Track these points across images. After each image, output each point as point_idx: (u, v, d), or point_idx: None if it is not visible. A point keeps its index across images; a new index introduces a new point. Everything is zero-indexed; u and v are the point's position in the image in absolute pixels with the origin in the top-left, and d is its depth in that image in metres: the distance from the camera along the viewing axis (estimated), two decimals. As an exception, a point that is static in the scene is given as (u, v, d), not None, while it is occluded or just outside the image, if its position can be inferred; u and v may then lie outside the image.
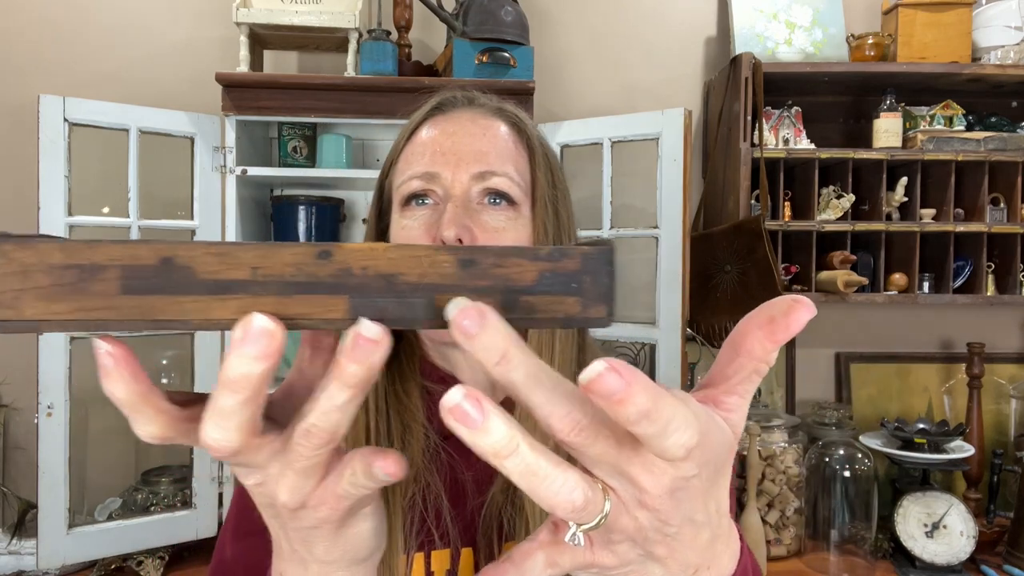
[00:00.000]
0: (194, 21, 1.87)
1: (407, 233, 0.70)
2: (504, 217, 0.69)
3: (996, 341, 1.98)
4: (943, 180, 1.77)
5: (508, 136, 0.72)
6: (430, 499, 0.68)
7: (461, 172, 0.69)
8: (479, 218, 0.68)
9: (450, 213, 0.67)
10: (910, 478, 1.71)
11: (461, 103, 0.75)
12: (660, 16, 1.98)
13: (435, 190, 0.69)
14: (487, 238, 0.68)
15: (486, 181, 0.69)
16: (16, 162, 1.76)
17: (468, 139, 0.70)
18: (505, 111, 0.75)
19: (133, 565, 1.53)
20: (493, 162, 0.69)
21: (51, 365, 1.45)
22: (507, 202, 0.70)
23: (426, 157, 0.70)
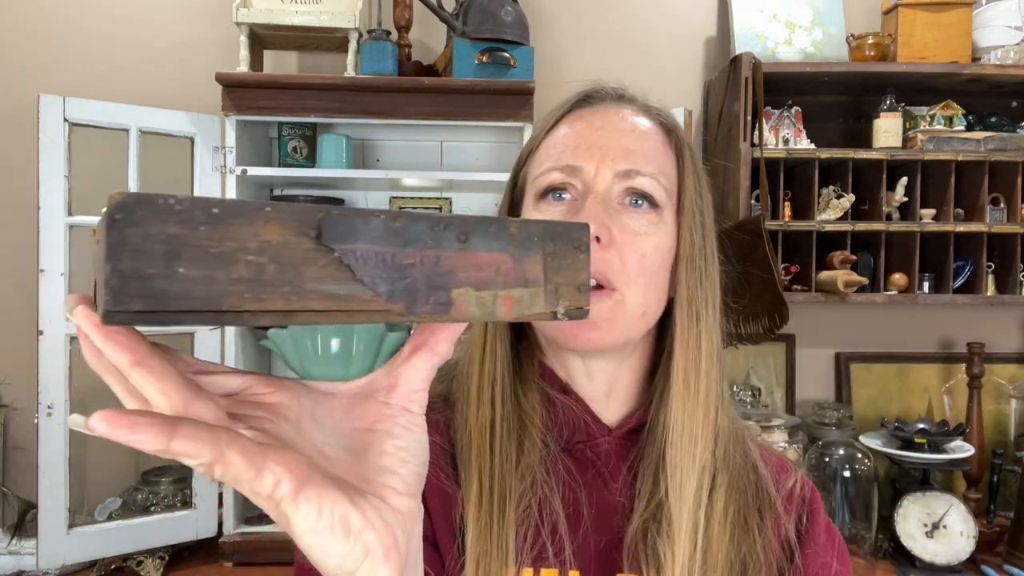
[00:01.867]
0: (194, 21, 1.87)
1: None
2: (646, 220, 0.65)
3: (996, 341, 1.98)
4: (943, 180, 1.77)
5: (657, 136, 0.68)
6: (546, 512, 0.64)
7: (605, 168, 0.64)
8: (619, 218, 0.64)
9: (590, 209, 0.62)
10: (910, 478, 1.71)
11: (610, 97, 0.71)
12: (660, 16, 1.98)
13: (575, 184, 0.65)
14: (626, 240, 0.63)
15: (631, 180, 0.64)
16: (16, 162, 1.76)
17: (615, 134, 0.66)
18: (656, 110, 0.70)
19: (133, 565, 1.53)
20: (640, 161, 0.65)
21: (51, 365, 1.45)
22: (649, 204, 0.65)
23: (569, 149, 0.66)
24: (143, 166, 1.53)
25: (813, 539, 0.70)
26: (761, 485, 0.68)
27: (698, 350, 0.65)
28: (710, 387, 0.66)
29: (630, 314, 0.64)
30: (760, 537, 0.65)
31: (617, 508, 0.67)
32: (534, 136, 0.72)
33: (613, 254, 0.62)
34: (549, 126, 0.70)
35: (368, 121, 1.60)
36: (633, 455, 0.68)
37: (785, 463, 0.74)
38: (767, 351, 1.97)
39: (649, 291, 0.64)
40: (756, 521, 0.66)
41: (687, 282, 0.65)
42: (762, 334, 1.65)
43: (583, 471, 0.68)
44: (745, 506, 0.66)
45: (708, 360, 0.66)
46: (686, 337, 0.65)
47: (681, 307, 0.65)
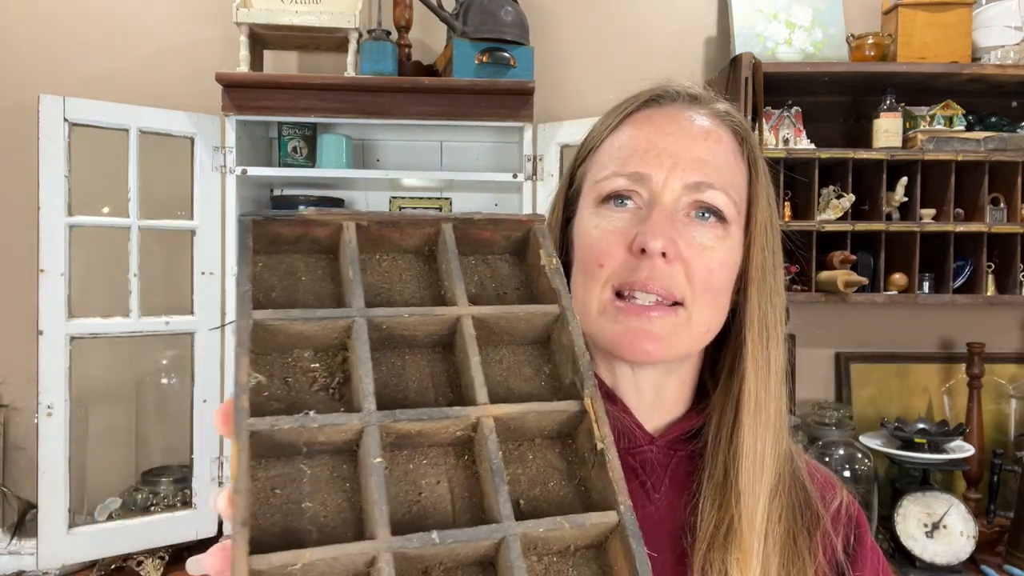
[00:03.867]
0: (194, 21, 1.87)
1: (598, 234, 0.62)
2: (713, 235, 0.61)
3: (996, 341, 1.98)
4: (943, 180, 1.77)
5: (731, 146, 0.64)
6: None
7: (675, 177, 0.61)
8: (686, 231, 0.61)
9: (657, 221, 0.59)
10: (910, 478, 1.71)
11: (682, 98, 0.66)
12: (660, 16, 1.98)
13: (640, 192, 0.62)
14: (693, 255, 0.60)
15: (700, 193, 0.61)
16: (16, 162, 1.76)
17: (687, 141, 0.62)
18: (730, 116, 0.66)
19: (133, 565, 1.53)
20: (711, 172, 0.61)
21: (51, 365, 1.45)
22: (717, 219, 0.62)
23: (637, 154, 0.62)
24: (143, 166, 1.53)
25: (861, 562, 0.68)
26: (809, 503, 0.67)
27: (768, 371, 0.63)
28: (780, 409, 0.64)
29: (694, 332, 0.62)
30: (810, 557, 0.64)
31: (659, 519, 0.65)
32: (594, 133, 0.68)
33: (679, 268, 0.60)
34: (613, 125, 0.66)
35: (368, 121, 1.60)
36: (675, 464, 0.67)
37: (832, 481, 0.72)
38: (767, 351, 1.97)
39: (714, 308, 0.62)
40: (805, 541, 0.65)
41: (759, 301, 0.63)
42: (762, 334, 1.65)
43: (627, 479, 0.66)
44: (795, 525, 0.65)
45: (777, 382, 0.64)
46: (757, 359, 0.63)
47: (752, 327, 0.63)
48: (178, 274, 1.61)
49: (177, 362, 1.76)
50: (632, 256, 0.60)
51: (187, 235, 1.59)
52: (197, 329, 1.59)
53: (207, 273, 1.59)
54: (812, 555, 0.64)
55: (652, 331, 0.60)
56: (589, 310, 0.62)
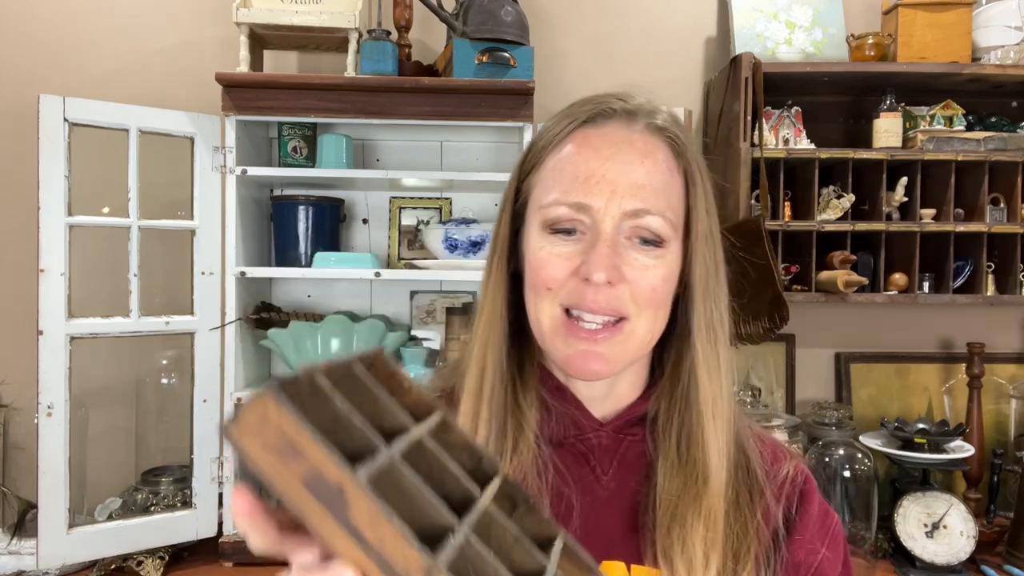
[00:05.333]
0: (194, 21, 1.87)
1: (546, 257, 0.66)
2: (654, 255, 0.66)
3: (996, 341, 1.98)
4: (943, 180, 1.77)
5: (667, 162, 0.67)
6: None
7: (614, 206, 0.64)
8: (628, 254, 0.65)
9: (600, 252, 0.63)
10: (910, 478, 1.71)
11: (619, 116, 0.68)
12: (660, 16, 1.98)
13: (583, 220, 0.65)
14: (636, 275, 0.65)
15: (639, 219, 0.65)
16: (16, 162, 1.76)
17: (625, 167, 0.65)
18: (666, 130, 0.68)
19: (133, 565, 1.53)
20: (648, 197, 0.65)
21: (51, 365, 1.45)
22: (655, 244, 0.66)
23: (578, 182, 0.65)
24: (143, 166, 1.53)
25: (804, 526, 0.71)
26: (750, 467, 0.71)
27: (719, 370, 0.68)
28: (730, 399, 0.69)
29: (639, 342, 0.67)
30: (751, 517, 0.68)
31: (609, 499, 0.69)
32: (536, 148, 0.70)
33: (623, 289, 0.64)
34: (554, 142, 0.69)
35: (368, 121, 1.60)
36: (625, 447, 0.71)
37: (780, 452, 0.75)
38: (767, 351, 1.97)
39: (656, 318, 0.67)
40: (746, 499, 0.69)
41: (704, 308, 0.68)
42: (762, 334, 1.65)
43: (575, 465, 0.70)
44: (738, 494, 0.69)
45: (727, 375, 0.69)
46: (709, 361, 0.68)
47: (700, 333, 0.68)
48: (178, 274, 1.61)
49: (177, 362, 1.76)
50: (579, 280, 0.64)
51: (187, 235, 1.59)
52: (197, 329, 1.59)
53: (207, 273, 1.59)
54: (753, 517, 0.68)
55: (600, 352, 0.65)
56: (541, 326, 0.67)
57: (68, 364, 1.46)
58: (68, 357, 1.46)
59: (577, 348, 0.65)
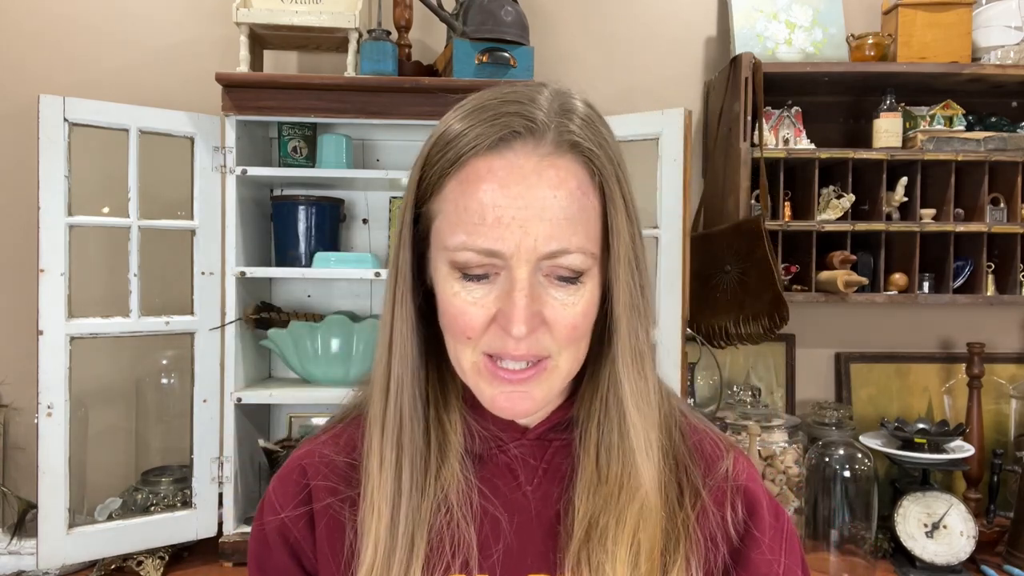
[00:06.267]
0: (194, 21, 1.87)
1: (460, 304, 0.61)
2: (573, 290, 0.61)
3: (996, 341, 1.98)
4: (943, 180, 1.77)
5: (582, 187, 0.60)
6: (459, 530, 0.65)
7: (527, 249, 0.58)
8: (546, 296, 0.60)
9: (519, 308, 0.58)
10: (910, 478, 1.71)
11: (522, 136, 0.60)
12: (660, 16, 1.98)
13: (495, 263, 0.60)
14: (556, 316, 0.60)
15: (556, 259, 0.59)
16: (16, 162, 1.76)
17: (536, 204, 0.58)
18: (578, 144, 0.61)
19: (133, 565, 1.53)
20: (565, 234, 0.59)
21: (51, 365, 1.45)
22: (575, 280, 0.61)
23: (485, 225, 0.58)
24: (143, 166, 1.52)
25: (760, 538, 0.69)
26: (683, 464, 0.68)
27: (647, 388, 0.65)
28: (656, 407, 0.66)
29: (564, 376, 0.64)
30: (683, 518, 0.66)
31: (534, 510, 0.67)
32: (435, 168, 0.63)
33: (544, 333, 0.61)
34: (456, 162, 0.61)
35: (368, 121, 1.60)
36: (551, 454, 0.69)
37: (717, 445, 0.72)
38: (767, 351, 1.97)
39: (579, 350, 0.64)
40: (675, 499, 0.67)
41: (628, 332, 0.63)
42: (762, 334, 1.65)
43: (500, 478, 0.68)
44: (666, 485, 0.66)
45: (656, 394, 0.66)
46: (635, 382, 0.64)
47: (624, 356, 0.64)
48: (178, 274, 1.61)
49: (177, 362, 1.76)
50: (498, 328, 0.60)
51: (187, 235, 1.59)
52: (197, 329, 1.59)
53: (207, 273, 1.59)
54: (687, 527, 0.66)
55: (525, 391, 0.62)
56: (463, 368, 0.64)
57: (68, 364, 1.46)
58: (68, 357, 1.46)
59: (502, 390, 0.62)
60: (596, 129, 0.63)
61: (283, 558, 0.71)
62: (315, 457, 0.72)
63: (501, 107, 0.61)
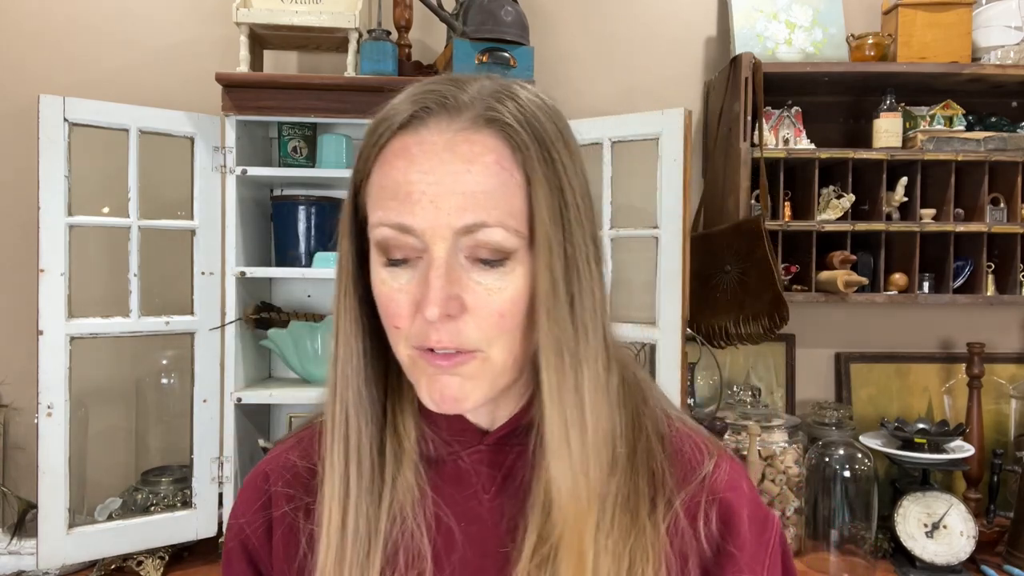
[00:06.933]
0: (194, 21, 1.87)
1: (387, 292, 0.58)
2: (499, 274, 0.56)
3: (996, 341, 1.98)
4: (943, 180, 1.77)
5: (501, 162, 0.56)
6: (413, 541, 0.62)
7: (441, 224, 0.55)
8: (469, 280, 0.56)
9: (433, 288, 0.54)
10: (910, 478, 1.71)
11: (436, 113, 0.57)
12: (660, 16, 1.98)
13: (412, 244, 0.56)
14: (479, 303, 0.56)
15: (475, 234, 0.55)
16: (16, 162, 1.76)
17: (448, 179, 0.55)
18: (496, 118, 0.57)
19: (133, 565, 1.53)
20: (481, 207, 0.55)
21: (51, 365, 1.45)
22: (498, 260, 0.56)
23: (397, 200, 0.56)
24: (143, 166, 1.52)
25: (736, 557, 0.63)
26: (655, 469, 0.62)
27: (576, 392, 0.58)
28: (598, 427, 0.59)
29: (498, 369, 0.58)
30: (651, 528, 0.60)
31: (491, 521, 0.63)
32: (364, 155, 0.61)
33: (467, 321, 0.56)
34: (377, 146, 0.60)
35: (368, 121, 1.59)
36: (511, 461, 0.64)
37: (701, 450, 0.66)
38: (767, 351, 1.97)
39: (513, 341, 0.58)
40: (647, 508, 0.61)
41: (548, 327, 0.57)
42: (762, 334, 1.65)
43: (456, 486, 0.65)
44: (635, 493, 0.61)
45: (593, 400, 0.59)
46: (556, 385, 0.58)
47: (546, 356, 0.58)
48: (178, 274, 1.61)
49: (177, 362, 1.76)
50: (422, 317, 0.56)
51: (187, 235, 1.59)
52: (197, 329, 1.59)
53: (207, 273, 1.59)
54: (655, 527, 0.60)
55: (456, 379, 0.57)
56: (403, 362, 0.60)
57: (68, 364, 1.46)
58: (68, 357, 1.46)
59: (433, 376, 0.58)
60: (531, 113, 0.58)
61: (242, 566, 0.71)
62: (279, 462, 0.71)
63: (426, 87, 0.60)
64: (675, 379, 1.51)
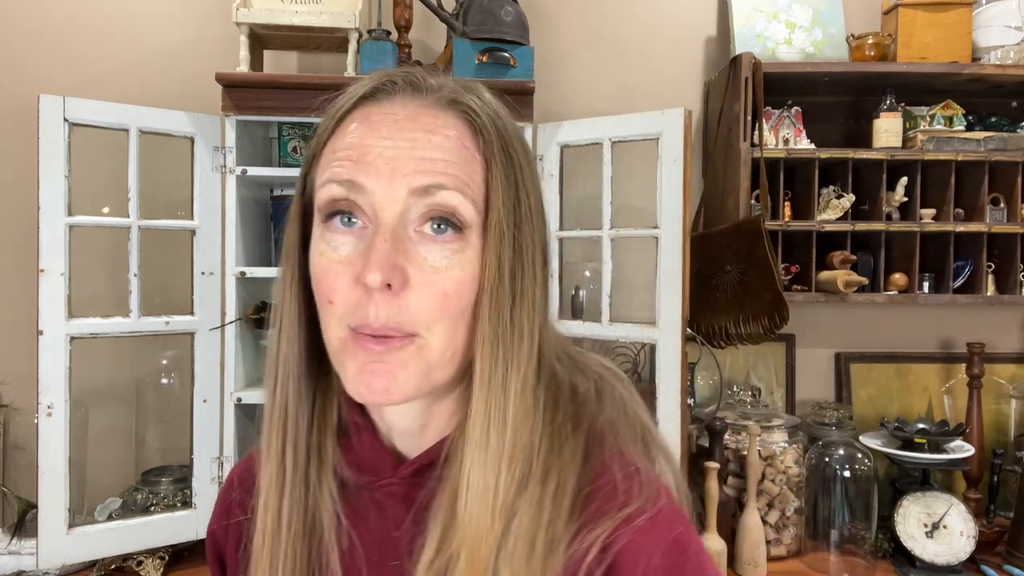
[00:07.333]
0: (194, 21, 1.87)
1: (325, 264, 0.54)
2: (449, 251, 0.53)
3: (996, 341, 1.98)
4: (943, 180, 1.77)
5: (461, 137, 0.55)
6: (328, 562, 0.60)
7: (397, 185, 0.52)
8: (416, 253, 0.53)
9: (377, 249, 0.51)
10: (910, 478, 1.71)
11: (402, 90, 0.56)
12: (660, 16, 1.98)
13: (360, 205, 0.53)
14: (424, 279, 0.52)
15: (431, 196, 0.52)
16: (16, 162, 1.76)
17: (407, 143, 0.53)
18: (460, 101, 0.56)
19: (133, 565, 1.53)
20: (440, 172, 0.53)
21: (51, 365, 1.45)
22: (454, 229, 0.53)
23: (351, 160, 0.54)
24: (143, 166, 1.52)
25: None
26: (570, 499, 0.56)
27: (503, 391, 0.55)
28: (518, 434, 0.55)
29: (435, 358, 0.54)
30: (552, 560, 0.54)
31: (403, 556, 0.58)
32: (319, 132, 0.60)
33: (408, 298, 0.52)
34: (330, 128, 0.58)
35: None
36: (425, 495, 0.58)
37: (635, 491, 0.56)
38: (767, 351, 1.97)
39: (455, 331, 0.54)
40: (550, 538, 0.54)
41: (488, 320, 0.54)
42: (762, 334, 1.65)
43: (372, 517, 0.61)
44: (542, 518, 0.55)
45: (518, 403, 0.55)
46: (487, 378, 0.55)
47: (481, 352, 0.54)
48: (178, 274, 1.61)
49: (177, 362, 1.76)
50: (360, 290, 0.52)
51: (187, 235, 1.59)
52: (197, 329, 1.58)
53: (207, 273, 1.59)
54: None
55: (388, 368, 0.53)
56: (332, 345, 0.56)
57: (68, 364, 1.46)
58: (68, 357, 1.46)
59: (363, 360, 0.53)
60: (494, 110, 0.59)
61: (216, 570, 0.72)
62: (243, 468, 0.71)
63: (393, 71, 0.59)
64: (675, 379, 1.51)
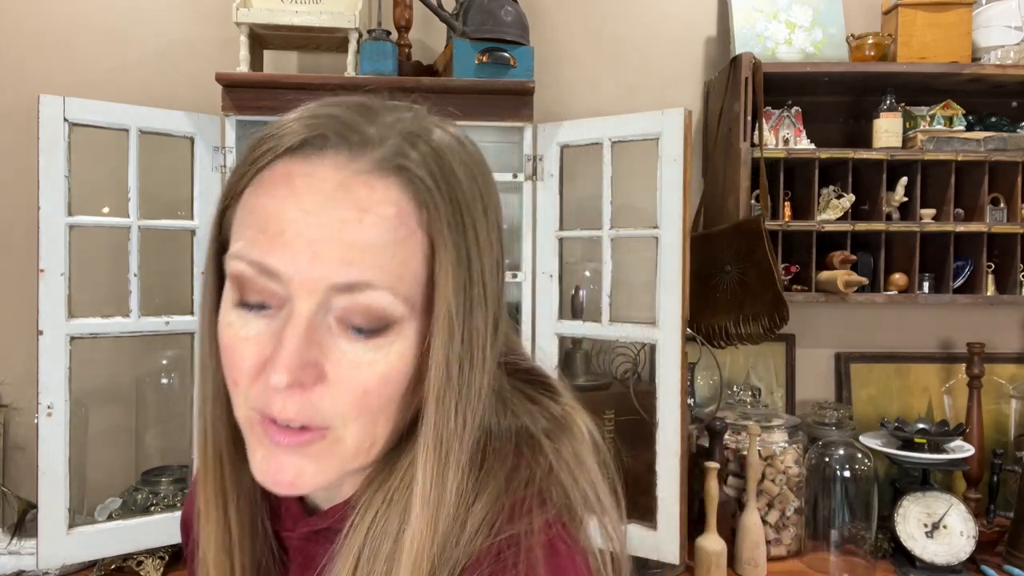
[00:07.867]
0: (194, 21, 1.87)
1: (232, 336, 0.48)
2: (373, 346, 0.47)
3: (996, 341, 1.98)
4: (943, 180, 1.77)
5: (401, 216, 0.47)
6: None
7: (317, 275, 0.45)
8: (334, 347, 0.47)
9: (287, 351, 0.45)
10: (910, 478, 1.71)
11: (334, 145, 0.48)
12: (660, 16, 1.98)
13: (273, 289, 0.47)
14: (342, 374, 0.47)
15: (354, 295, 0.46)
16: (16, 162, 1.76)
17: (334, 225, 0.45)
18: (403, 166, 0.48)
19: (133, 565, 1.53)
20: (368, 264, 0.46)
21: (51, 365, 1.45)
22: (376, 330, 0.47)
23: (266, 234, 0.46)
24: (143, 166, 1.52)
25: None
26: None
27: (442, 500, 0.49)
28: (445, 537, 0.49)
29: (350, 453, 0.49)
30: None
31: None
32: (239, 170, 0.52)
33: (322, 394, 0.47)
34: (254, 167, 0.50)
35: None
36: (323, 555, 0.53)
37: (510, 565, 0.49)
38: (767, 351, 1.97)
39: (376, 424, 0.49)
40: None
41: (435, 418, 0.48)
42: (762, 334, 1.65)
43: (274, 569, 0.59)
44: None
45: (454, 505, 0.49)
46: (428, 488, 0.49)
47: (427, 446, 0.49)
48: (178, 274, 1.61)
49: (177, 362, 1.76)
50: (266, 380, 0.47)
51: (187, 235, 1.59)
52: (197, 329, 1.58)
53: (207, 273, 1.59)
54: None
55: (294, 462, 0.48)
56: (239, 418, 0.51)
57: (68, 364, 1.46)
58: (68, 357, 1.46)
59: (270, 452, 0.48)
60: (445, 162, 0.49)
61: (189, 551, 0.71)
62: None
63: (331, 109, 0.50)
64: (675, 379, 1.51)
